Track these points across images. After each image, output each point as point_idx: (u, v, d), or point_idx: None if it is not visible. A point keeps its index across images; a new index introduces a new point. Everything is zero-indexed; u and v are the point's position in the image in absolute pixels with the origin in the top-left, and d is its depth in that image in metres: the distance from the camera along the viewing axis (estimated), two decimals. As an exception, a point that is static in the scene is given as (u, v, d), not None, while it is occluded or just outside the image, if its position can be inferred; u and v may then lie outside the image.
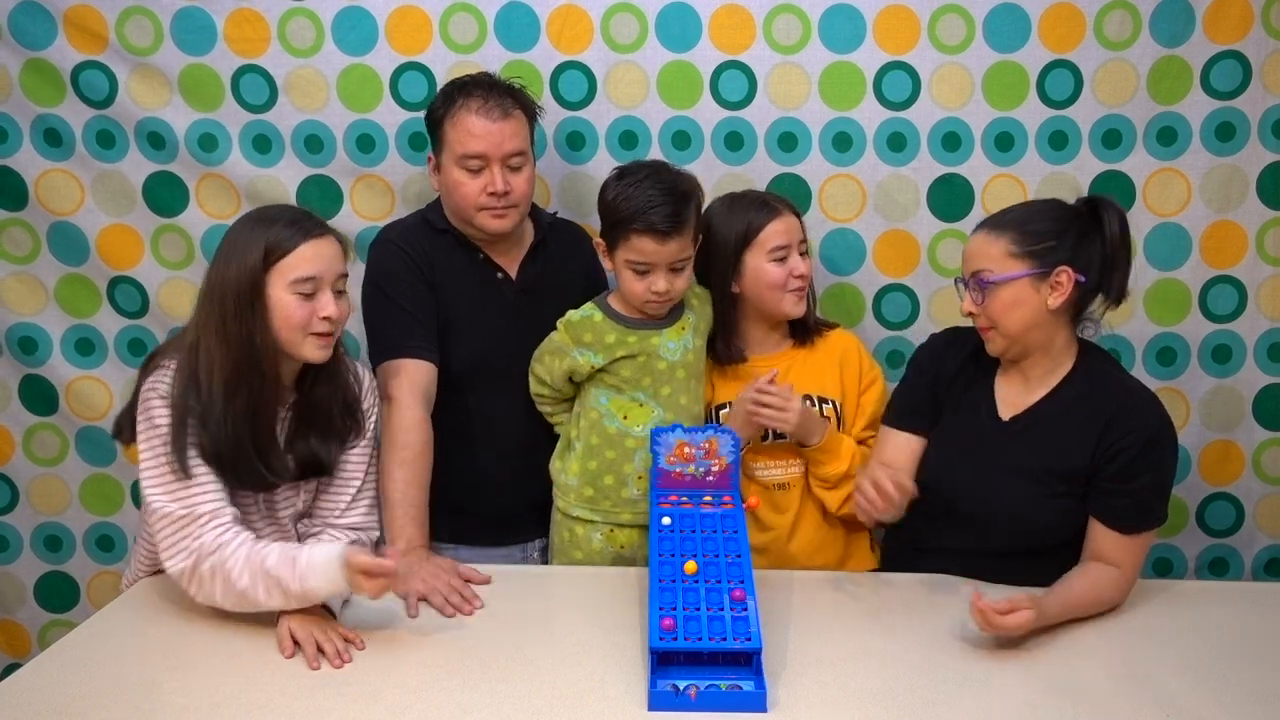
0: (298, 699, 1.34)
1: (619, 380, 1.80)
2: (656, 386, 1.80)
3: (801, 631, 1.53)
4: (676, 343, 1.80)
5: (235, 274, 1.54)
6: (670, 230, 1.68)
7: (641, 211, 1.68)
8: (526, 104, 1.88)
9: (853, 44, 2.03)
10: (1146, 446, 1.59)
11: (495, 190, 1.81)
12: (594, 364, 1.79)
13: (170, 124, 2.08)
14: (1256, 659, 1.47)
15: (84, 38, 2.05)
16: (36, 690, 1.36)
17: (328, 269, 1.58)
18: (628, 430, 1.80)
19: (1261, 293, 2.08)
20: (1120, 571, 1.59)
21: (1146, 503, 1.60)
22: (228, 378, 1.53)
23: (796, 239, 1.84)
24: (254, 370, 1.54)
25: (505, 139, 1.81)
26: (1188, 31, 1.98)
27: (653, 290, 1.73)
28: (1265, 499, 2.17)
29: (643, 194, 1.69)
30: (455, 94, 1.83)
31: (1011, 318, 1.61)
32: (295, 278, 1.55)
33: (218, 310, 1.54)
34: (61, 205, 2.13)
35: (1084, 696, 1.36)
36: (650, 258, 1.71)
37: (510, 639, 1.50)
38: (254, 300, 1.53)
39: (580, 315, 1.81)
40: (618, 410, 1.80)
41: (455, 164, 1.83)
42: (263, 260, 1.53)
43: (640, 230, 1.69)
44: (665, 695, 1.32)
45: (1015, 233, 1.61)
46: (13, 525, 2.32)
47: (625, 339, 1.79)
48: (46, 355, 2.21)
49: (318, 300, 1.57)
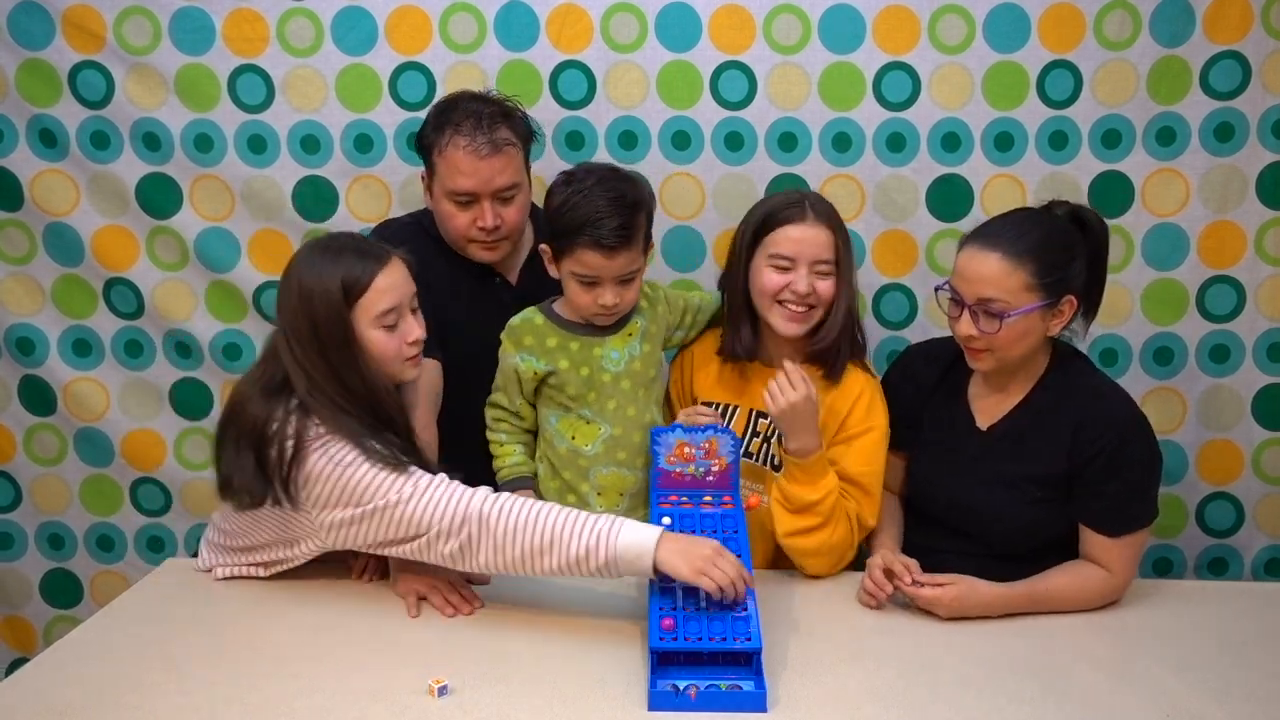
0: (297, 699, 1.34)
1: (565, 398, 1.74)
2: (602, 402, 1.74)
3: (801, 631, 1.53)
4: (621, 352, 1.74)
5: (320, 321, 1.51)
6: (618, 244, 1.60)
7: (588, 224, 1.59)
8: (520, 130, 1.82)
9: (853, 44, 2.02)
10: (1118, 448, 1.59)
11: (485, 226, 1.78)
12: (536, 369, 1.72)
13: (166, 124, 2.08)
14: (1256, 659, 1.47)
15: (82, 37, 2.04)
16: (36, 690, 1.36)
17: (404, 295, 1.58)
18: (579, 450, 1.75)
19: (1261, 293, 2.08)
20: (1109, 572, 1.60)
21: (1125, 504, 1.60)
22: (359, 414, 1.53)
23: (814, 255, 1.68)
24: (375, 401, 1.55)
25: (495, 175, 1.76)
26: (1188, 31, 1.98)
27: (600, 303, 1.66)
28: (1265, 499, 2.17)
29: (590, 204, 1.60)
30: (444, 124, 1.77)
31: (1018, 347, 1.61)
32: (379, 312, 1.54)
33: (318, 358, 1.52)
34: (57, 206, 2.13)
35: (1084, 696, 1.36)
36: (597, 271, 1.63)
37: (510, 639, 1.50)
38: (347, 344, 1.53)
39: (520, 319, 1.75)
40: (567, 430, 1.76)
41: (445, 197, 1.80)
42: (344, 300, 1.52)
43: (586, 244, 1.60)
44: (665, 695, 1.32)
45: (1035, 265, 1.55)
46: (17, 523, 2.33)
47: (567, 344, 1.72)
48: (44, 356, 2.21)
49: (402, 329, 1.58)
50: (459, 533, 1.47)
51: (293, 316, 1.54)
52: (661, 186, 2.08)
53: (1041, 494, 1.63)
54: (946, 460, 1.72)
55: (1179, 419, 2.14)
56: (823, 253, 1.68)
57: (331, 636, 1.52)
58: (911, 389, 1.79)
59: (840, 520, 1.67)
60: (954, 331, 1.65)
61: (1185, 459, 2.16)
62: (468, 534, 1.46)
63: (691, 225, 2.11)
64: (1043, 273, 1.56)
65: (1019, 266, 1.55)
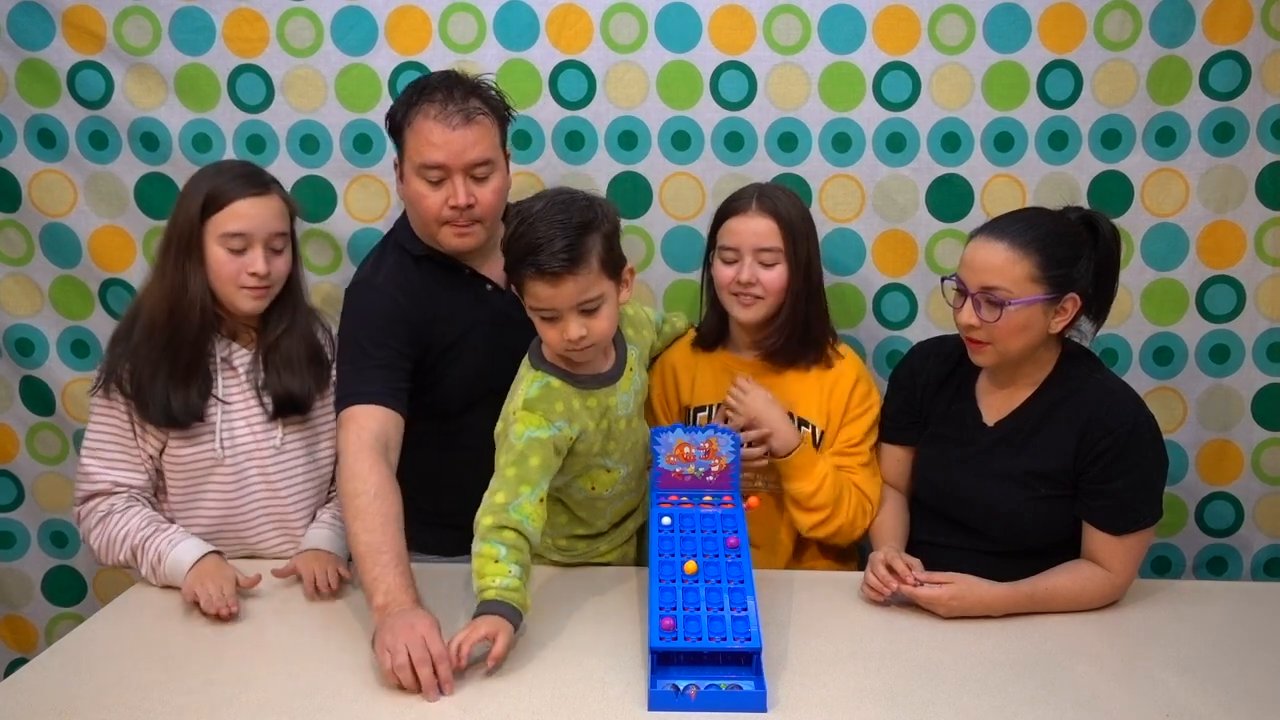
0: (297, 699, 1.34)
1: (588, 458, 1.65)
2: (620, 449, 1.68)
3: (801, 631, 1.53)
4: (629, 393, 1.66)
5: (180, 221, 1.67)
6: (561, 270, 1.45)
7: (530, 252, 1.46)
8: (494, 104, 1.73)
9: (853, 44, 2.02)
10: (1125, 446, 1.59)
11: (457, 204, 1.68)
12: (570, 435, 1.58)
13: (164, 124, 2.08)
14: (1256, 659, 1.47)
15: (82, 37, 2.04)
16: (37, 690, 1.36)
17: (260, 227, 1.67)
18: (595, 496, 1.71)
19: (1261, 293, 2.08)
20: (1111, 571, 1.60)
21: (1130, 503, 1.60)
22: (157, 318, 1.65)
23: (755, 244, 1.71)
24: (186, 314, 1.66)
25: (467, 147, 1.66)
26: (1187, 32, 1.98)
27: (566, 339, 1.51)
28: (1265, 499, 2.17)
29: (532, 232, 1.46)
30: (415, 96, 1.70)
31: (1017, 340, 1.61)
32: (225, 232, 1.66)
33: (162, 256, 1.69)
34: (54, 207, 2.13)
35: (1084, 696, 1.36)
36: (548, 303, 1.49)
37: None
38: (191, 249, 1.65)
39: (539, 389, 1.56)
40: (586, 484, 1.69)
41: (415, 174, 1.70)
42: (200, 211, 1.64)
43: (531, 275, 1.47)
44: (665, 695, 1.32)
45: (1040, 256, 1.56)
46: (19, 521, 2.32)
47: (586, 403, 1.60)
48: (43, 357, 2.20)
49: (247, 256, 1.66)
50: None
51: (168, 221, 1.71)
52: (661, 186, 2.09)
53: (1048, 491, 1.64)
54: (953, 456, 1.72)
55: (1179, 419, 2.14)
56: (764, 241, 1.72)
57: (331, 636, 1.52)
58: (919, 384, 1.79)
59: (846, 496, 1.75)
60: (956, 322, 1.66)
61: (1185, 459, 2.15)
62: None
63: (691, 225, 2.10)
64: (1047, 265, 1.56)
65: (1024, 256, 1.56)
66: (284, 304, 1.77)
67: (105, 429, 1.71)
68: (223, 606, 1.52)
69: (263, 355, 1.76)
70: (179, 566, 1.60)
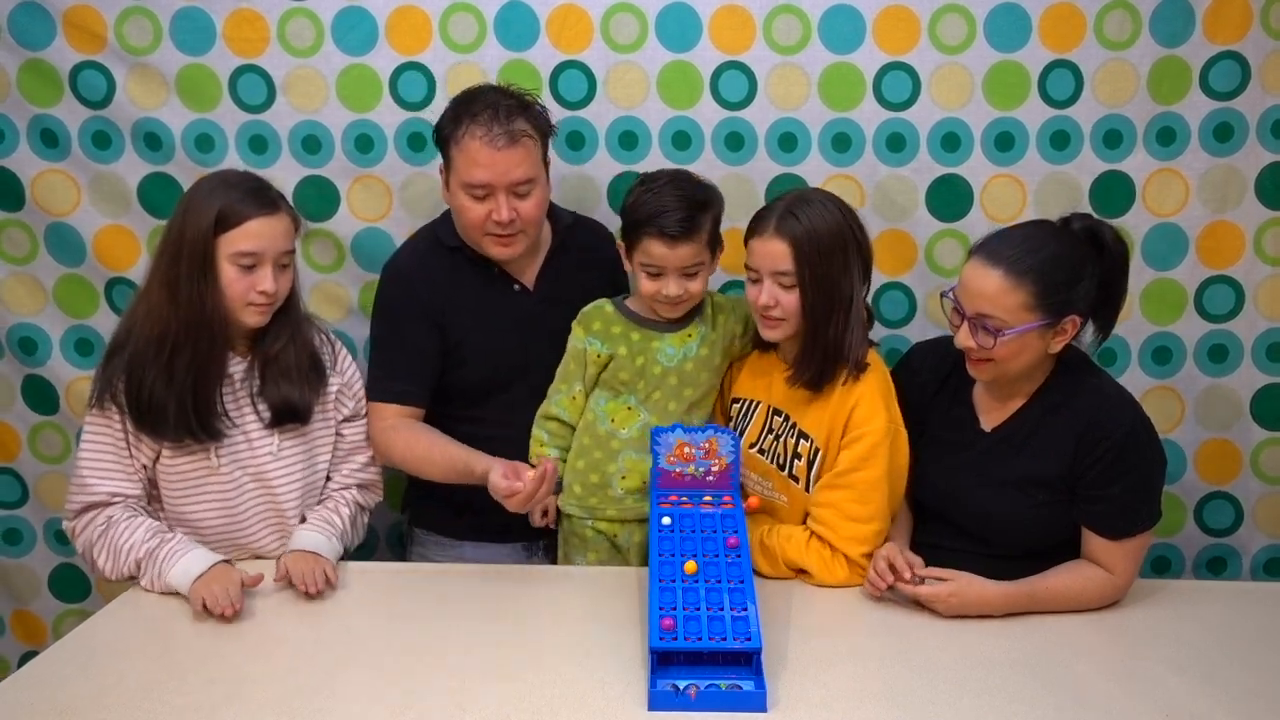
0: (296, 699, 1.34)
1: (617, 383, 1.81)
2: (649, 391, 1.81)
3: (801, 631, 1.53)
4: (677, 349, 1.81)
5: (190, 236, 1.65)
6: (679, 235, 1.70)
7: (655, 216, 1.70)
8: (539, 123, 1.81)
9: (853, 44, 2.02)
10: (1122, 450, 1.59)
11: (500, 219, 1.78)
12: (600, 353, 1.80)
13: (167, 124, 2.08)
14: (1256, 659, 1.47)
15: (83, 37, 2.04)
16: (37, 690, 1.36)
17: (271, 246, 1.68)
18: (614, 432, 1.81)
19: (1260, 293, 2.08)
20: (1111, 574, 1.60)
21: (1128, 507, 1.60)
22: (175, 336, 1.64)
23: (772, 267, 1.68)
24: (201, 332, 1.65)
25: (511, 168, 1.75)
26: (1187, 32, 1.98)
27: (664, 293, 1.75)
28: (1264, 499, 2.17)
29: (658, 200, 1.71)
30: (462, 115, 1.77)
31: (1015, 362, 1.61)
32: (237, 251, 1.65)
33: (169, 268, 1.65)
34: (58, 206, 2.13)
35: (1084, 696, 1.36)
36: (660, 261, 1.72)
37: (510, 638, 1.50)
38: (206, 267, 1.64)
39: (592, 306, 1.85)
40: (610, 413, 1.82)
41: (461, 189, 1.79)
42: (213, 227, 1.64)
43: (652, 234, 1.71)
44: (665, 695, 1.32)
45: (1037, 285, 1.54)
46: (25, 519, 2.33)
47: (629, 334, 1.81)
48: (46, 356, 2.21)
49: (257, 274, 1.67)
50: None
51: (169, 228, 1.69)
52: (662, 186, 2.09)
53: (1045, 496, 1.63)
54: (950, 460, 1.72)
55: (1177, 419, 2.14)
56: (779, 265, 1.67)
57: (331, 636, 1.52)
58: (916, 387, 1.79)
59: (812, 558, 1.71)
60: (955, 340, 1.65)
61: (1184, 459, 2.16)
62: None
63: (692, 225, 2.11)
64: (1044, 293, 1.55)
65: (1019, 286, 1.54)
66: (284, 316, 1.77)
67: (101, 441, 1.69)
68: (228, 606, 1.53)
69: (259, 364, 1.76)
70: (187, 578, 1.59)
